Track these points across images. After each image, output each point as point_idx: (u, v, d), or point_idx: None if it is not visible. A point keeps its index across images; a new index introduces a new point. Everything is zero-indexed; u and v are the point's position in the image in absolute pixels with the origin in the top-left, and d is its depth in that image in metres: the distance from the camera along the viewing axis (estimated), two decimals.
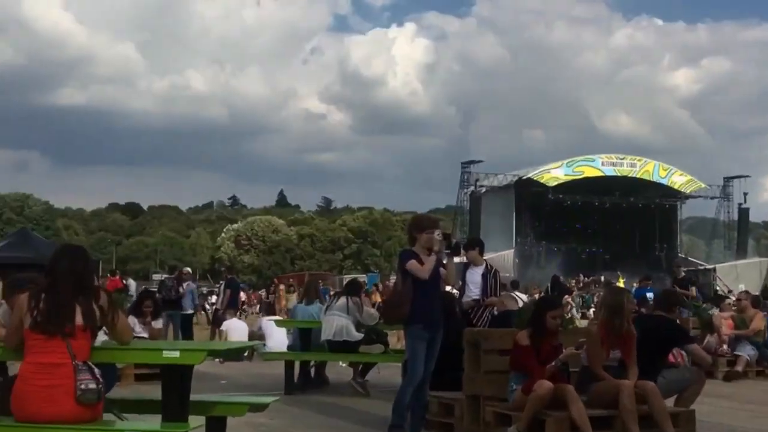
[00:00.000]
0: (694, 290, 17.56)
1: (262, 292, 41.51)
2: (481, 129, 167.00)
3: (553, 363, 6.52)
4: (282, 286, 34.30)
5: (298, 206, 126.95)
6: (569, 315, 15.58)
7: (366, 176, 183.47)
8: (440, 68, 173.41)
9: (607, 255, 56.47)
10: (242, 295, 36.67)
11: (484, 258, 10.62)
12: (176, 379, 4.96)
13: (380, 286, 28.71)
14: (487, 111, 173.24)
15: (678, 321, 7.68)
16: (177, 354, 4.89)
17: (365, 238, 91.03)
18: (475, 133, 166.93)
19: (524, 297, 18.02)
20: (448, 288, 9.35)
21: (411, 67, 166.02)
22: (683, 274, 17.22)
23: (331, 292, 17.59)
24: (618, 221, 55.34)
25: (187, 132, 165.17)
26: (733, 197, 54.55)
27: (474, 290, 9.97)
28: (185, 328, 17.25)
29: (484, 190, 51.50)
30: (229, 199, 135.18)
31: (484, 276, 9.96)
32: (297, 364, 10.79)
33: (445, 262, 7.25)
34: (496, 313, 10.02)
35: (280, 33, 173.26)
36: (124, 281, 23.41)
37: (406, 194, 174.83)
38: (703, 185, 54.03)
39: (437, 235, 7.01)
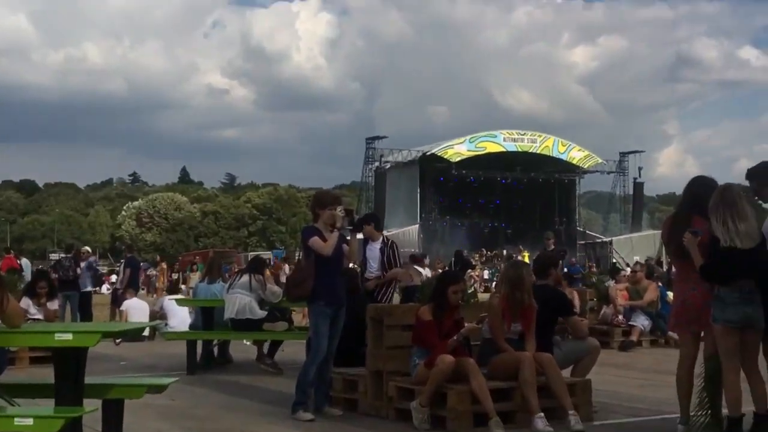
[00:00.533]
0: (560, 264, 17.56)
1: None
2: (385, 105, 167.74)
3: (455, 337, 6.59)
4: (164, 264, 33.87)
5: (201, 183, 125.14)
6: (472, 289, 15.77)
7: (270, 152, 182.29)
8: (344, 43, 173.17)
9: (509, 230, 57.51)
10: (152, 272, 35.89)
11: (383, 233, 10.67)
12: (70, 363, 4.82)
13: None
14: (391, 87, 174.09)
15: (560, 291, 7.80)
16: (70, 336, 4.74)
17: (270, 214, 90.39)
18: (379, 109, 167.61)
19: (424, 271, 18.24)
20: (351, 264, 9.34)
21: (315, 42, 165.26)
22: (553, 246, 17.22)
23: (235, 269, 17.41)
24: (519, 196, 56.41)
25: (84, 106, 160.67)
26: (628, 172, 56.14)
27: (374, 266, 9.99)
28: (84, 308, 16.82)
29: (388, 166, 51.67)
30: (129, 176, 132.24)
31: (382, 250, 9.98)
32: (199, 343, 10.63)
33: (348, 238, 7.24)
34: (399, 287, 10.07)
35: (181, 6, 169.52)
36: (19, 261, 22.59)
37: (311, 170, 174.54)
38: (600, 160, 55.43)
39: (339, 211, 6.99)
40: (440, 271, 18.11)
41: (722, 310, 5.49)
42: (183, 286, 26.55)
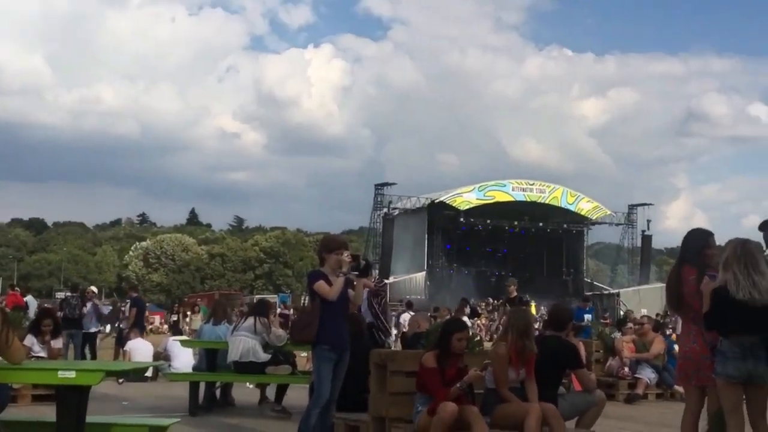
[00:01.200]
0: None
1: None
2: (395, 152, 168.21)
3: (458, 385, 6.55)
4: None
5: (209, 225, 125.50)
6: (477, 337, 15.70)
7: (279, 196, 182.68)
8: (356, 91, 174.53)
9: (516, 278, 57.31)
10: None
11: (375, 279, 10.77)
12: (72, 401, 4.82)
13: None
14: (401, 134, 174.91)
15: (571, 341, 7.77)
16: (73, 374, 4.75)
17: (277, 258, 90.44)
18: (389, 155, 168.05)
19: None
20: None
21: (327, 89, 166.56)
22: (516, 293, 17.06)
23: (236, 311, 17.38)
24: (527, 246, 56.40)
25: (96, 147, 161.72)
26: (636, 224, 56.24)
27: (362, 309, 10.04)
28: (90, 348, 16.92)
29: (397, 212, 51.85)
30: (138, 216, 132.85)
31: (368, 299, 9.99)
32: (202, 385, 10.60)
33: (354, 283, 7.26)
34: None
35: (195, 50, 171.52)
36: (24, 298, 22.64)
37: (320, 215, 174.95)
38: (608, 212, 55.55)
39: (346, 256, 7.02)
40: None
41: (723, 364, 5.44)
42: (187, 327, 26.52)
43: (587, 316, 19.32)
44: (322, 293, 6.93)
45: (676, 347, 12.47)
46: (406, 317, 22.32)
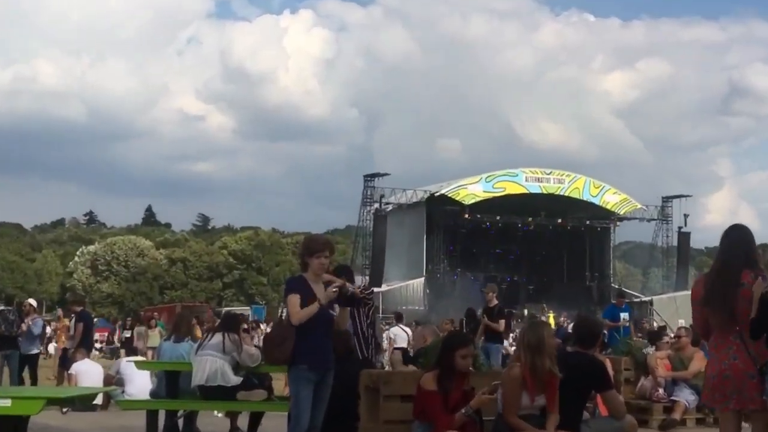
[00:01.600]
0: (502, 323, 17.01)
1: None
2: (387, 137, 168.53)
3: (463, 411, 6.57)
4: (60, 313, 33.43)
5: (169, 225, 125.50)
6: None
7: (251, 190, 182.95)
8: (340, 64, 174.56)
9: (531, 285, 57.63)
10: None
11: (361, 287, 10.78)
12: None
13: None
14: (394, 116, 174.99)
15: (598, 359, 7.78)
16: (8, 403, 4.76)
17: (249, 263, 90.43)
18: (380, 141, 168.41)
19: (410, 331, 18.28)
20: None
21: (306, 62, 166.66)
22: (496, 301, 17.10)
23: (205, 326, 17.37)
24: (544, 246, 56.56)
25: (34, 133, 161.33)
26: (672, 220, 56.40)
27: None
28: (30, 372, 16.95)
29: (390, 208, 51.90)
30: (84, 215, 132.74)
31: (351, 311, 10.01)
32: (162, 414, 10.59)
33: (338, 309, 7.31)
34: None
35: (150, 19, 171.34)
36: None
37: (299, 212, 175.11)
38: (639, 206, 55.68)
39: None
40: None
41: None
42: (139, 345, 26.53)
43: (623, 315, 19.17)
44: (290, 311, 6.98)
45: None
46: (396, 332, 22.40)
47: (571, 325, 29.93)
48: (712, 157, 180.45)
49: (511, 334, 26.39)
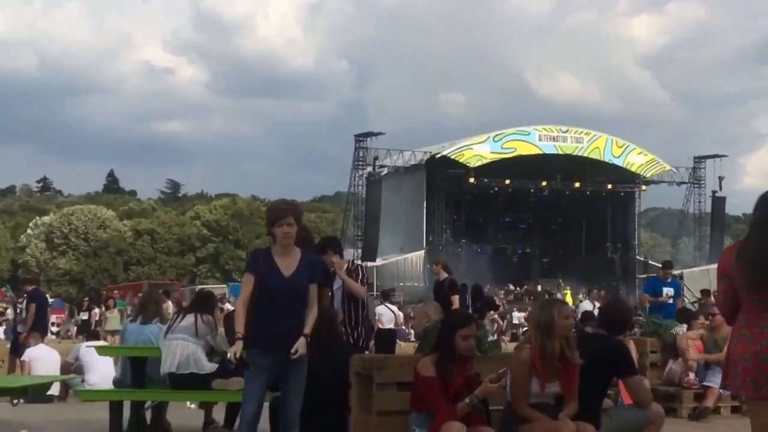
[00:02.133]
0: (456, 299, 16.33)
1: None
2: (381, 92, 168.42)
3: (467, 400, 6.58)
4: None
5: (133, 193, 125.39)
6: (494, 337, 15.75)
7: (227, 153, 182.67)
8: (327, 9, 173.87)
9: (545, 258, 57.77)
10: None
11: (348, 260, 10.82)
12: None
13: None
14: (389, 68, 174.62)
15: (620, 341, 7.79)
16: None
17: (225, 235, 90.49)
18: (374, 96, 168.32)
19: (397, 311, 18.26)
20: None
21: (288, 7, 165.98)
22: (446, 274, 16.62)
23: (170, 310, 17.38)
24: (559, 214, 56.63)
25: None
26: (705, 183, 56.40)
27: (336, 305, 10.06)
28: None
29: (385, 172, 51.87)
30: (37, 182, 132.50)
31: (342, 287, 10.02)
32: (127, 405, 10.62)
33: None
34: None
35: None
36: None
37: (282, 178, 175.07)
38: (667, 167, 55.67)
39: (285, 227, 7.14)
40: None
41: None
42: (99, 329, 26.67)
43: (667, 290, 18.66)
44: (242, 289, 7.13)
45: None
46: (382, 311, 22.49)
47: (585, 302, 30.01)
48: (752, 112, 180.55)
49: (493, 313, 26.21)
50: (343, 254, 10.75)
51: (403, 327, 30.27)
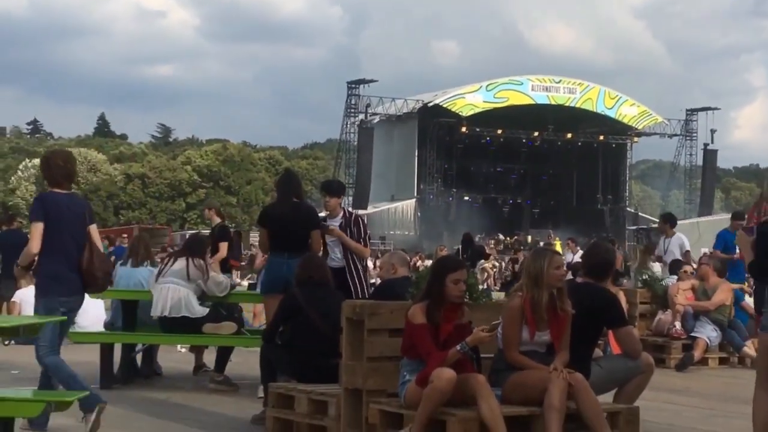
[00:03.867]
0: (224, 247, 14.52)
1: None
2: (374, 38, 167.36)
3: (458, 347, 6.59)
4: None
5: (125, 137, 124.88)
6: (484, 285, 15.80)
7: (218, 98, 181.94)
8: None
9: (536, 208, 57.82)
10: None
11: (350, 209, 10.84)
12: None
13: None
14: (383, 14, 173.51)
15: (610, 291, 7.78)
16: None
17: (216, 181, 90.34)
18: (366, 43, 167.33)
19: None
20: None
21: None
22: (218, 219, 15.20)
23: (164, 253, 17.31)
24: (551, 164, 56.67)
25: None
26: (697, 136, 56.41)
27: (336, 252, 10.17)
28: None
29: (377, 119, 51.79)
30: (27, 124, 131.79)
31: (342, 228, 10.11)
32: (118, 348, 10.65)
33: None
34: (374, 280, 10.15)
35: None
36: None
37: (273, 124, 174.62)
38: (659, 119, 55.67)
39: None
40: None
41: None
42: None
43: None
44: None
45: (750, 300, 12.61)
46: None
47: (568, 254, 30.03)
48: (745, 64, 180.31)
49: (483, 262, 25.96)
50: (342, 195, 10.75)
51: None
